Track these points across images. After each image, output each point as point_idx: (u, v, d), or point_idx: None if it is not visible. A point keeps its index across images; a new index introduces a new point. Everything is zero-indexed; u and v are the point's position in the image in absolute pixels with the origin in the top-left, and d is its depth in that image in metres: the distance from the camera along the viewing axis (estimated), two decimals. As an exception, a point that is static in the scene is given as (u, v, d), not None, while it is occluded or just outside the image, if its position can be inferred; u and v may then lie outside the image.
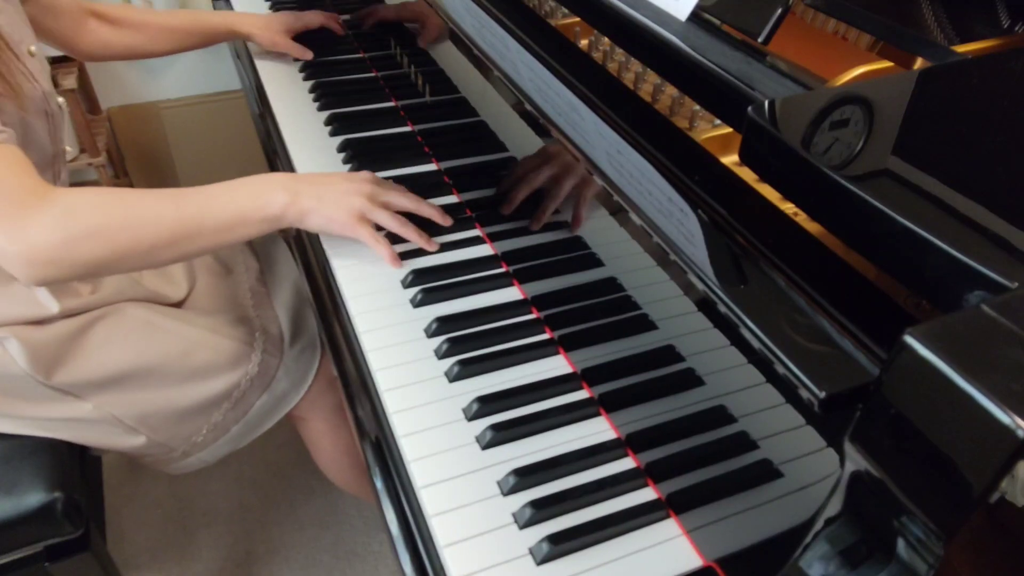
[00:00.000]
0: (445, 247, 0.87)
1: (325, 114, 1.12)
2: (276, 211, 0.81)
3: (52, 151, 0.94)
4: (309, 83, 1.20)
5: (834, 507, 0.44)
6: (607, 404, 0.70)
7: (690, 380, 0.66)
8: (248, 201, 0.81)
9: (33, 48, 0.90)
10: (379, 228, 0.85)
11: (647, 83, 0.71)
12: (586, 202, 0.78)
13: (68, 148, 1.02)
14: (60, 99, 0.96)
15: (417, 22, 1.21)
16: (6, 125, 0.77)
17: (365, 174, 0.87)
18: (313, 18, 1.29)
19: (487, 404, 0.69)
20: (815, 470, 0.53)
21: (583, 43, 0.81)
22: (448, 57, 1.11)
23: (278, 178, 0.84)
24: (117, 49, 1.16)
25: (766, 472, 0.59)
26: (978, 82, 0.56)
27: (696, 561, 0.59)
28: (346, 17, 1.36)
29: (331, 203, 0.82)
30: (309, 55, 1.25)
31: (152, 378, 0.96)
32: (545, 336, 0.77)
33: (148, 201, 0.78)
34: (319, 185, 0.84)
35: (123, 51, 1.17)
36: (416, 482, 0.64)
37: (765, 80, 0.59)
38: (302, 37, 1.27)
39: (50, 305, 0.90)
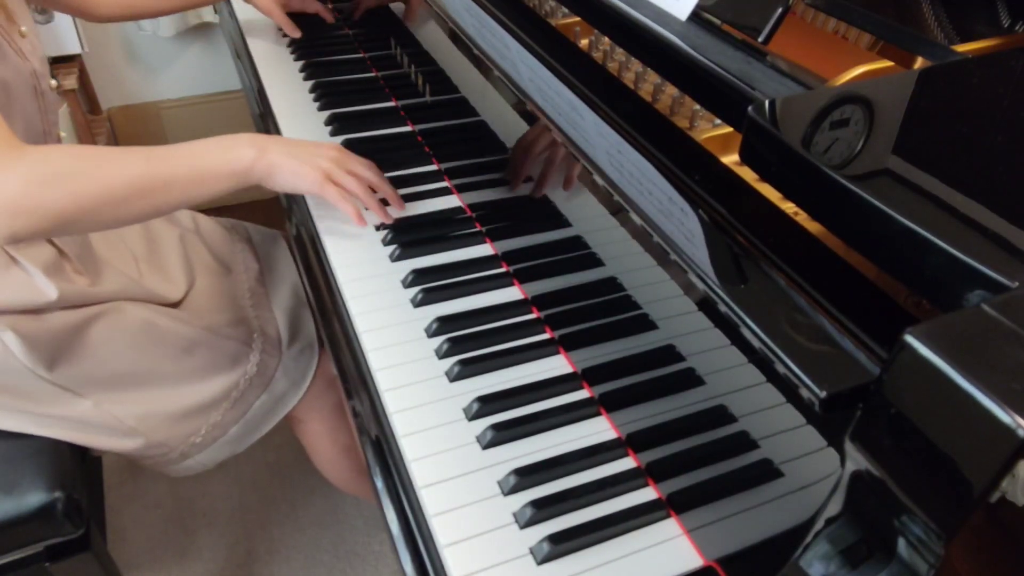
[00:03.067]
0: (445, 247, 0.87)
1: (325, 114, 1.12)
2: (245, 164, 0.83)
3: (42, 129, 0.95)
4: (309, 83, 1.20)
5: (835, 507, 0.44)
6: (607, 404, 0.70)
7: (690, 380, 0.66)
8: (217, 155, 0.82)
9: (24, 28, 0.91)
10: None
11: (647, 83, 0.71)
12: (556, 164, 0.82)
13: (63, 134, 1.02)
14: (53, 81, 0.97)
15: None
16: None
17: (333, 143, 0.90)
18: (312, 3, 1.33)
19: (487, 404, 0.69)
20: (815, 470, 0.53)
21: (583, 43, 0.81)
22: (448, 57, 1.11)
23: (247, 135, 0.86)
24: (128, 10, 1.18)
25: (766, 472, 0.59)
26: (978, 82, 0.56)
27: (696, 561, 0.59)
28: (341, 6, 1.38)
29: (300, 160, 0.85)
30: (298, 33, 1.29)
31: (151, 378, 0.96)
32: (545, 336, 0.77)
33: (117, 153, 0.79)
34: (288, 144, 0.86)
35: (137, 11, 1.19)
36: (416, 482, 0.64)
37: (765, 80, 0.60)
38: (304, 26, 1.29)
39: (48, 291, 0.90)
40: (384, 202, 0.91)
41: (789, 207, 0.52)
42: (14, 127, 0.78)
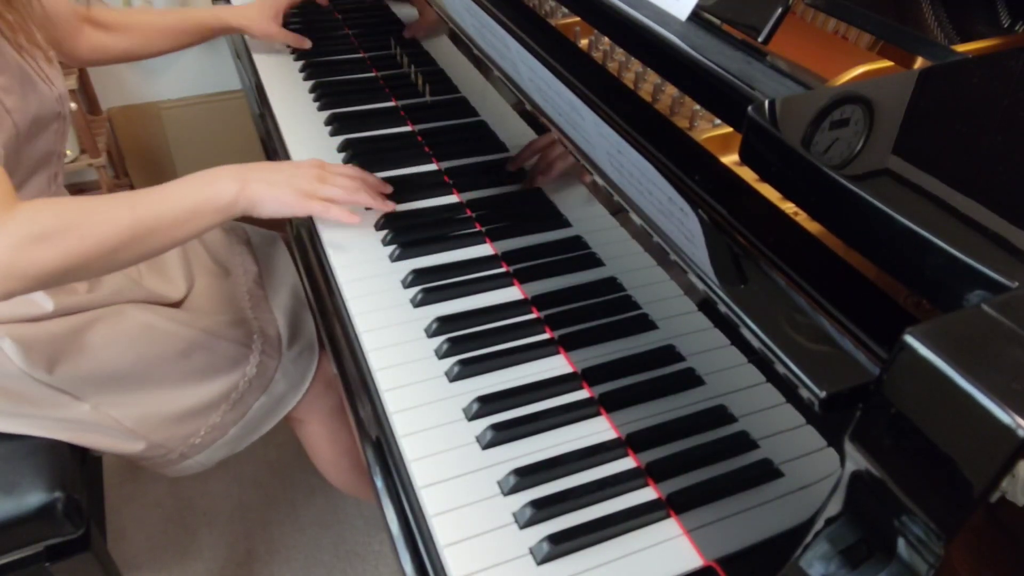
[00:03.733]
0: (446, 247, 0.87)
1: (325, 114, 1.12)
2: (227, 199, 0.82)
3: (57, 152, 0.95)
4: (309, 83, 1.20)
5: (834, 507, 0.44)
6: (607, 404, 0.70)
7: (690, 380, 0.66)
8: (200, 193, 0.82)
9: (51, 53, 0.91)
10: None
11: (647, 83, 0.71)
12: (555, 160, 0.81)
13: (68, 151, 1.02)
14: (73, 105, 0.96)
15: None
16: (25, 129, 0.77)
17: (313, 160, 0.90)
18: None
19: (487, 404, 0.69)
20: (815, 470, 0.53)
21: (583, 43, 0.81)
22: (448, 57, 1.11)
23: (229, 168, 0.85)
24: (113, 53, 1.17)
25: (766, 472, 0.59)
26: (978, 82, 0.56)
27: (696, 561, 0.59)
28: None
29: (280, 185, 0.84)
30: (307, 44, 1.27)
31: (150, 379, 0.96)
32: (545, 336, 0.77)
33: (102, 204, 0.78)
34: (268, 171, 0.86)
35: (119, 55, 1.18)
36: (416, 482, 0.64)
37: (765, 80, 0.60)
38: (304, 28, 1.27)
39: (44, 304, 0.90)
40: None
41: (789, 207, 0.52)
42: (35, 155, 0.77)
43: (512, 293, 0.82)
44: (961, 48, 0.59)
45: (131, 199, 0.79)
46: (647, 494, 0.63)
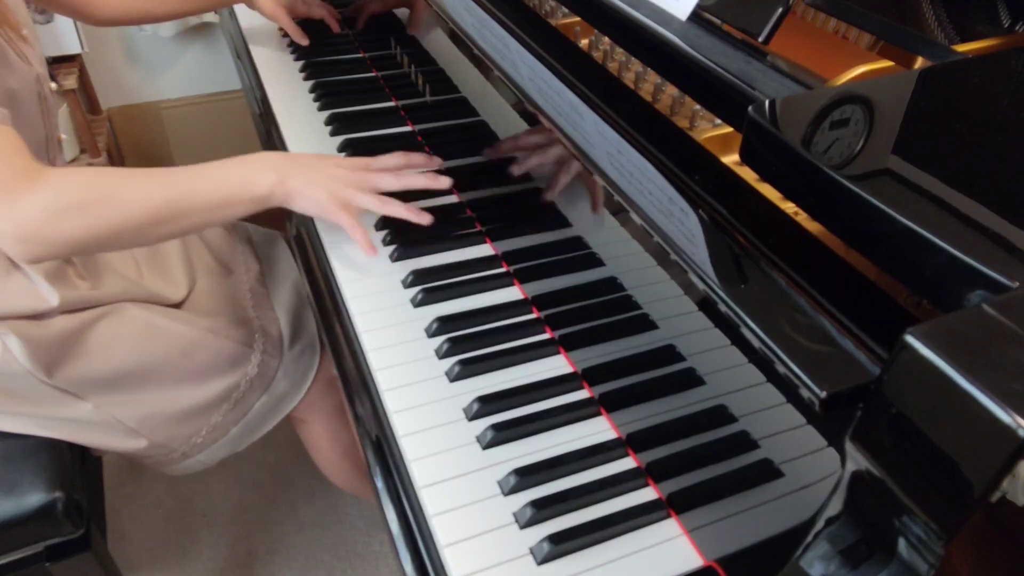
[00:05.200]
0: (445, 247, 0.87)
1: (325, 114, 1.12)
2: (264, 191, 0.82)
3: (45, 134, 0.95)
4: (309, 83, 1.20)
5: (835, 507, 0.44)
6: (608, 404, 0.70)
7: (691, 380, 0.66)
8: (237, 180, 0.82)
9: (25, 32, 0.91)
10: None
11: (647, 83, 0.71)
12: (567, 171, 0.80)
13: (63, 136, 1.02)
14: (53, 84, 0.96)
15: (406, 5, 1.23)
16: (1, 105, 0.77)
17: (356, 159, 0.88)
18: (318, 9, 1.30)
19: (488, 404, 0.69)
20: (816, 470, 0.53)
21: (583, 43, 0.81)
22: (448, 57, 1.11)
23: (268, 157, 0.85)
24: (130, 13, 1.17)
25: (767, 472, 0.59)
26: (978, 81, 0.56)
27: (697, 561, 0.59)
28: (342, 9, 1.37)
29: (318, 186, 0.83)
30: (305, 40, 1.26)
31: (152, 379, 0.96)
32: (546, 336, 0.77)
33: (137, 179, 0.78)
34: (308, 167, 0.84)
35: (136, 15, 1.18)
36: (417, 482, 0.64)
37: (765, 80, 0.60)
38: (304, 27, 1.27)
39: (50, 297, 0.90)
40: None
41: (789, 207, 0.52)
42: (20, 135, 0.78)
43: (512, 293, 0.82)
44: (961, 48, 0.59)
45: (167, 177, 0.80)
46: (647, 494, 0.63)
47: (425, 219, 0.85)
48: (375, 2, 1.34)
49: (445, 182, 0.87)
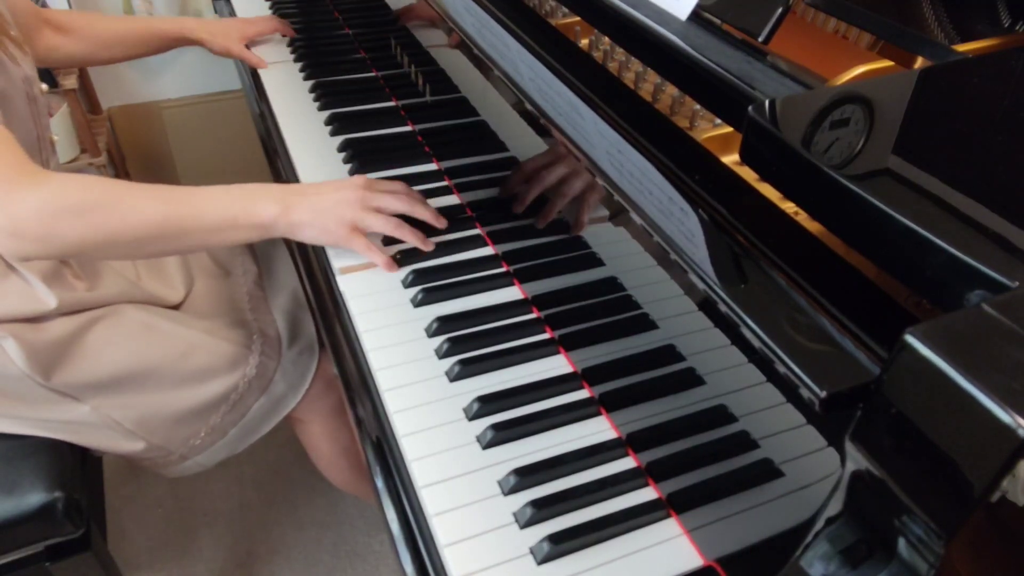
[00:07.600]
0: (446, 247, 0.87)
1: (325, 114, 1.12)
2: (266, 220, 0.81)
3: (36, 135, 0.95)
4: (309, 83, 1.20)
5: (835, 506, 0.44)
6: (608, 404, 0.70)
7: (691, 379, 0.66)
8: (239, 206, 0.81)
9: (13, 33, 0.91)
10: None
11: (647, 82, 0.71)
12: (590, 207, 0.78)
13: (55, 137, 1.02)
14: (44, 85, 0.96)
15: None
16: None
17: (358, 179, 0.86)
18: (266, 25, 1.29)
19: (488, 404, 0.69)
20: (816, 469, 0.53)
21: (583, 42, 0.81)
22: (448, 57, 1.11)
23: (274, 189, 0.83)
24: (68, 57, 1.17)
25: (767, 471, 0.59)
26: (978, 81, 0.56)
27: (697, 561, 0.59)
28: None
29: (323, 215, 0.82)
30: (264, 65, 1.25)
31: (150, 381, 0.96)
32: (546, 336, 0.77)
33: (138, 193, 0.78)
34: (311, 196, 0.83)
35: (75, 59, 1.18)
36: (417, 482, 0.64)
37: (765, 79, 0.59)
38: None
39: (48, 299, 0.90)
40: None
41: (789, 207, 0.52)
42: (16, 136, 0.78)
43: (512, 293, 0.82)
44: (961, 48, 0.59)
45: (168, 194, 0.79)
46: (647, 494, 0.63)
47: (431, 246, 0.85)
48: None
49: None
